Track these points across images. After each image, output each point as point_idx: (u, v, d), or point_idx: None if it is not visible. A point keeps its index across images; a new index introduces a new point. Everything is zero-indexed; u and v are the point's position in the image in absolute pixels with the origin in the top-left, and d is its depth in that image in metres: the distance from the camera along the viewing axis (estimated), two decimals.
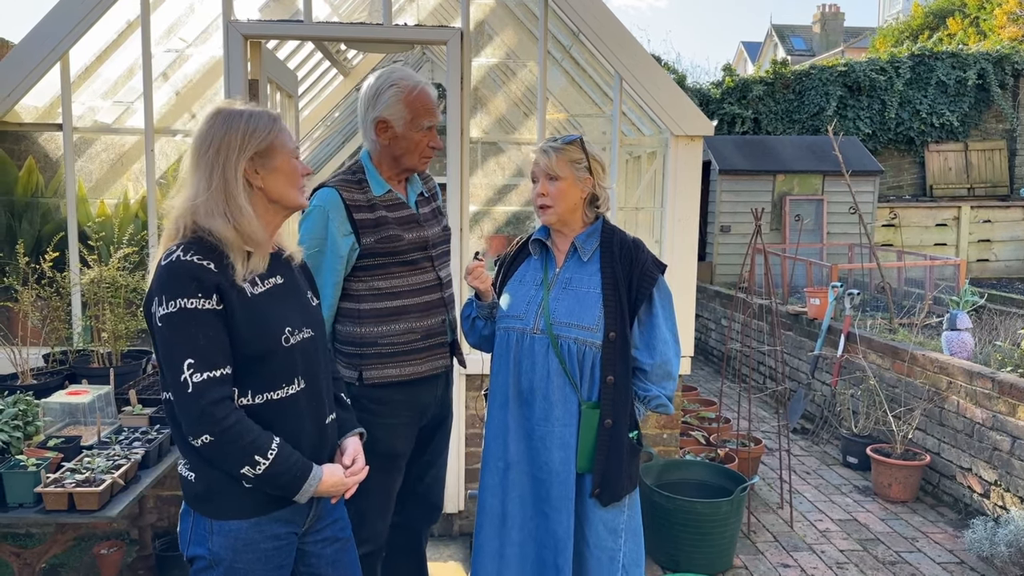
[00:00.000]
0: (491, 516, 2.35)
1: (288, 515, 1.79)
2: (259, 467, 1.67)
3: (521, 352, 2.29)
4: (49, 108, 3.87)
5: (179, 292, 1.63)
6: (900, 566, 3.73)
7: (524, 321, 2.30)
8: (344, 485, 1.84)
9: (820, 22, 30.21)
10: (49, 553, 2.50)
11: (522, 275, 2.40)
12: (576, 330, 2.24)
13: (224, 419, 1.64)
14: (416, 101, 2.35)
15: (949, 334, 4.70)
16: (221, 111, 1.75)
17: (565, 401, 2.25)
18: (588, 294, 2.27)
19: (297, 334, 1.79)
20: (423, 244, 2.44)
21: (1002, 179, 11.85)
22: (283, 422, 1.75)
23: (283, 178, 1.77)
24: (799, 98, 11.48)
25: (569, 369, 2.24)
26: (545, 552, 2.29)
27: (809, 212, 9.10)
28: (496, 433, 2.35)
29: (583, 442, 2.24)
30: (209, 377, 1.64)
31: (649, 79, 3.70)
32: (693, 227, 3.84)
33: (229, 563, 1.73)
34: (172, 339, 1.64)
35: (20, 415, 2.45)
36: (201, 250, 1.68)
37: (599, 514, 2.28)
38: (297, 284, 1.89)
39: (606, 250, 2.31)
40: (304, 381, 1.80)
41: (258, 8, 4.54)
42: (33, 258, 3.29)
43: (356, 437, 1.99)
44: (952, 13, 18.08)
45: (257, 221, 1.72)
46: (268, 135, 1.74)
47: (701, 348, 8.37)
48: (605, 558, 2.29)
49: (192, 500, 1.76)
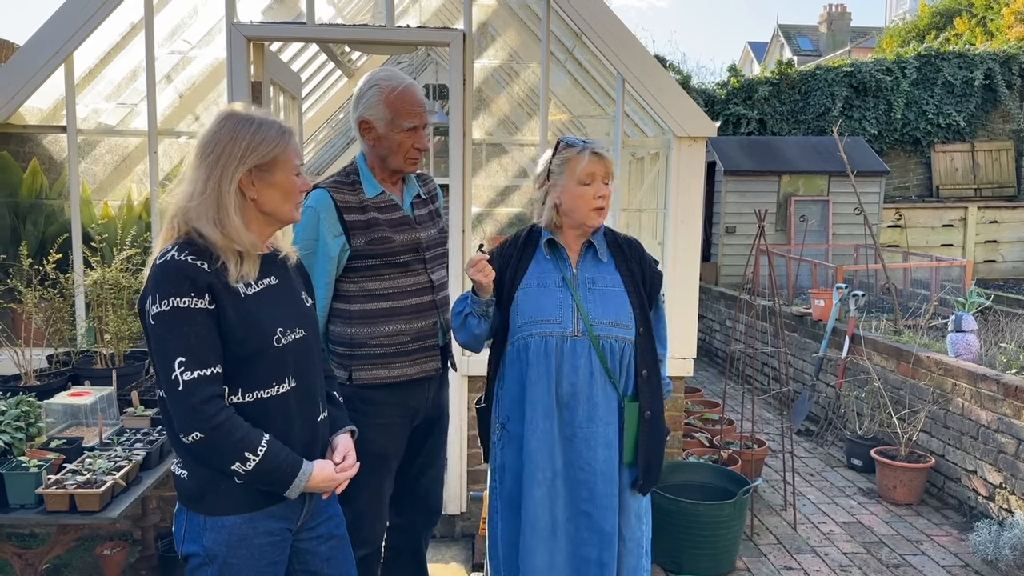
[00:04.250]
0: (542, 532, 2.29)
1: (281, 511, 1.81)
2: (249, 463, 1.69)
3: (562, 357, 2.26)
4: (53, 110, 3.89)
5: (172, 291, 1.65)
6: (904, 569, 3.72)
7: (562, 325, 2.27)
8: (335, 481, 1.86)
9: (827, 22, 30.17)
10: (51, 554, 2.51)
11: (540, 277, 2.34)
12: (615, 328, 2.28)
13: (214, 416, 1.65)
14: (397, 101, 2.34)
15: (954, 336, 4.67)
16: (232, 115, 1.75)
17: (607, 400, 2.29)
18: (615, 292, 2.32)
19: (289, 334, 1.80)
20: (415, 246, 2.44)
21: (1009, 180, 11.79)
22: (273, 420, 1.77)
23: (279, 194, 1.78)
24: (804, 98, 11.45)
25: (611, 368, 2.28)
26: (586, 550, 2.28)
27: (814, 213, 9.08)
28: (541, 443, 2.27)
29: (628, 436, 2.30)
30: (199, 375, 1.65)
31: (652, 80, 3.70)
32: (696, 228, 3.83)
33: (224, 559, 1.74)
34: (164, 337, 1.66)
35: (22, 416, 2.47)
36: (195, 251, 1.69)
37: (632, 504, 2.35)
38: (291, 284, 1.89)
39: (615, 249, 2.37)
40: (295, 380, 1.81)
41: (261, 10, 4.55)
42: (37, 259, 3.31)
43: (347, 434, 2.01)
44: (959, 13, 18.00)
45: (245, 230, 1.73)
46: (273, 149, 1.74)
47: (705, 349, 8.35)
48: (634, 546, 2.35)
49: (185, 498, 1.78)
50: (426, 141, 2.45)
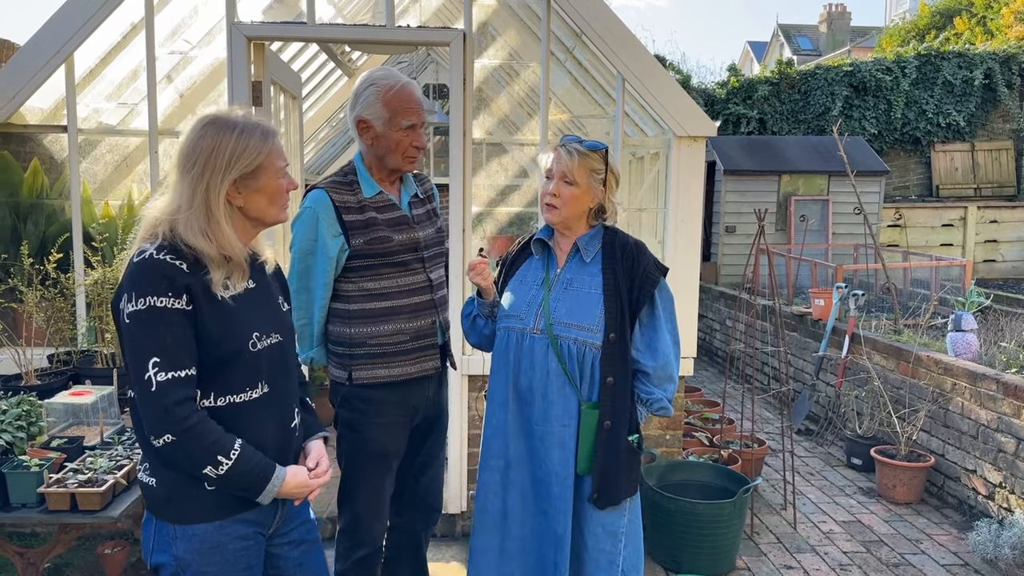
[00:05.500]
0: (492, 514, 2.34)
1: (253, 516, 1.77)
2: (222, 467, 1.65)
3: (521, 352, 2.29)
4: (54, 110, 3.89)
5: (149, 290, 1.62)
6: (904, 568, 3.72)
7: (524, 321, 2.30)
8: (308, 487, 1.83)
9: (827, 22, 30.16)
10: (52, 553, 2.51)
11: (523, 275, 2.40)
12: (576, 330, 2.24)
13: (186, 419, 1.62)
14: (394, 100, 2.34)
15: (954, 335, 4.68)
16: (213, 123, 1.70)
17: (564, 401, 2.24)
18: (589, 295, 2.26)
19: (264, 339, 1.77)
20: (414, 246, 2.44)
21: (1009, 179, 11.80)
22: (245, 425, 1.73)
23: (264, 199, 1.76)
24: (804, 98, 11.45)
25: (569, 369, 2.23)
26: (546, 548, 2.29)
27: (814, 212, 9.08)
28: (495, 432, 2.34)
29: (583, 443, 2.23)
30: (173, 377, 1.62)
31: (652, 80, 3.70)
32: (696, 228, 3.84)
33: (197, 567, 1.70)
34: (139, 336, 1.62)
35: (24, 416, 2.47)
36: (174, 251, 1.66)
37: (598, 516, 2.27)
38: (269, 289, 1.87)
39: (608, 252, 2.30)
40: (268, 385, 1.78)
41: (262, 10, 4.55)
42: (38, 259, 3.31)
43: (320, 440, 1.98)
44: (959, 12, 18.00)
45: (235, 237, 1.71)
46: (256, 157, 1.70)
47: (705, 349, 8.35)
48: (604, 561, 2.27)
49: (153, 506, 1.74)
50: (424, 139, 2.45)
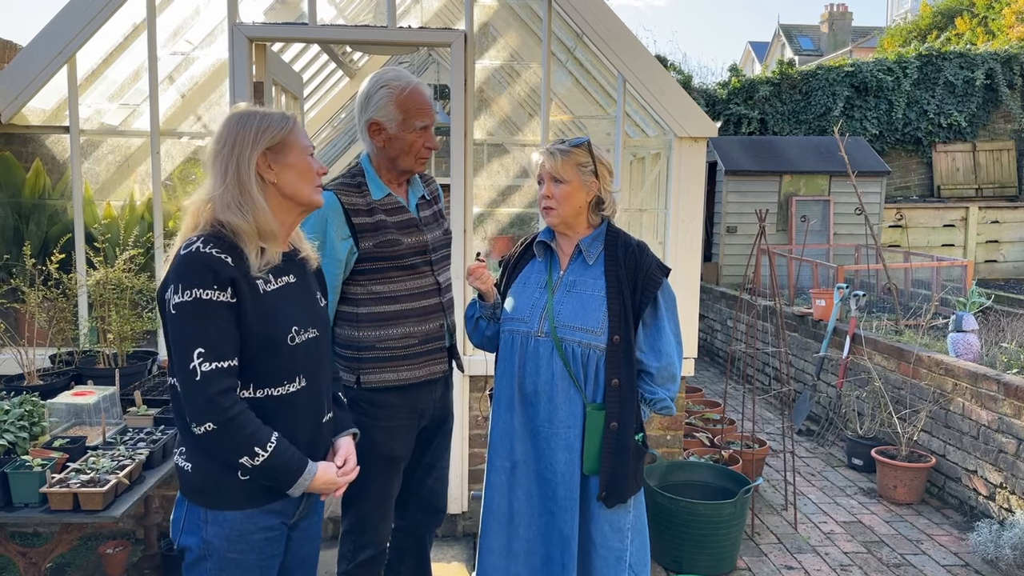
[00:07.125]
0: (498, 514, 2.36)
1: (280, 507, 1.83)
2: (258, 458, 1.70)
3: (526, 355, 2.30)
4: (56, 110, 3.90)
5: (195, 282, 1.67)
6: (904, 568, 3.72)
7: (528, 324, 2.30)
8: (336, 484, 1.88)
9: (828, 22, 30.14)
10: (55, 552, 2.51)
11: (526, 277, 2.40)
12: (580, 333, 2.25)
13: (229, 409, 1.67)
14: (407, 101, 2.34)
15: (955, 335, 4.68)
16: (236, 113, 1.80)
17: (569, 403, 2.26)
18: (592, 297, 2.27)
19: (303, 333, 1.83)
20: (422, 248, 2.43)
21: (1010, 179, 11.79)
22: (281, 418, 1.79)
23: (296, 174, 1.81)
24: (806, 98, 11.45)
25: (573, 372, 2.25)
26: (552, 548, 2.30)
27: (815, 213, 9.08)
28: (502, 433, 2.36)
29: (589, 444, 2.25)
30: (217, 367, 1.67)
31: (652, 80, 3.71)
32: (697, 228, 3.84)
33: (223, 553, 1.76)
34: (184, 327, 1.68)
35: (26, 416, 2.48)
36: (220, 244, 1.72)
37: (605, 515, 2.29)
38: (308, 284, 1.92)
39: (610, 253, 2.30)
40: (305, 379, 1.83)
41: (263, 11, 4.56)
42: (40, 259, 3.32)
43: (349, 437, 2.02)
44: (960, 13, 18.00)
45: (271, 214, 1.77)
46: (280, 131, 1.79)
47: (706, 349, 8.35)
48: (612, 558, 2.30)
49: (188, 490, 1.80)
50: (436, 140, 2.45)
